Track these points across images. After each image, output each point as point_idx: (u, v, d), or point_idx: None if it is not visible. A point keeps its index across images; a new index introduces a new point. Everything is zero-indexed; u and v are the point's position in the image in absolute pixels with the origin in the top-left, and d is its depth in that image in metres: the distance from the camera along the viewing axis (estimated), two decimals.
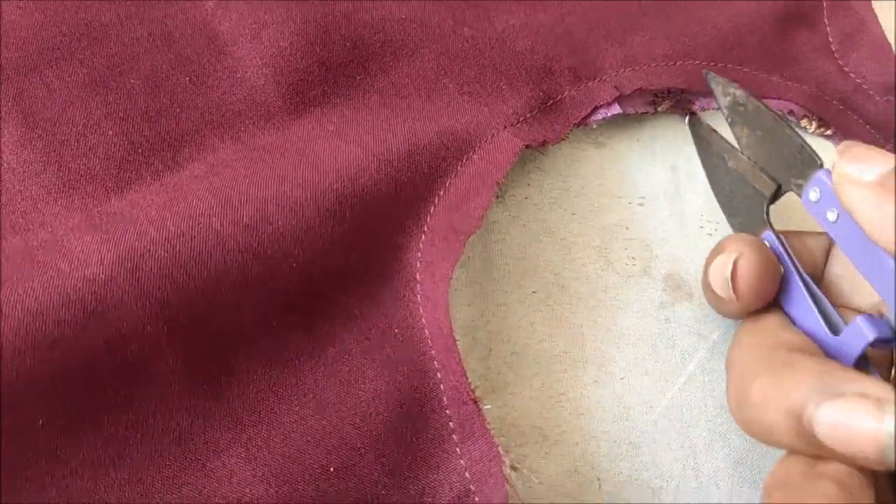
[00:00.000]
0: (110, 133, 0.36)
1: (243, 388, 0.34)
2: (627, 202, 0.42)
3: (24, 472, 0.30)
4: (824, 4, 0.48)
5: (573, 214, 0.41)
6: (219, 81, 0.39)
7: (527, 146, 0.39)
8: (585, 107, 0.41)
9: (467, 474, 0.33)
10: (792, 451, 0.32)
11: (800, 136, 0.37)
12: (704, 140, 0.41)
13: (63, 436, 0.31)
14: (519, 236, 0.40)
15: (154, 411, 0.32)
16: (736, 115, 0.39)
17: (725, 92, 0.40)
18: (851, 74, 0.46)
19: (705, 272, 0.36)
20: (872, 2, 0.48)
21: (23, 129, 0.36)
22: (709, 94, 0.43)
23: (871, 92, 0.45)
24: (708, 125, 0.41)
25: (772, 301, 0.36)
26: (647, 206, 0.42)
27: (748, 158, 0.39)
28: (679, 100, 0.43)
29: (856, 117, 0.45)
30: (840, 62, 0.46)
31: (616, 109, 0.42)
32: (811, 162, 0.36)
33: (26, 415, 0.30)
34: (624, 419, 0.37)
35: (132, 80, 0.38)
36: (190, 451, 0.32)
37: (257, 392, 0.34)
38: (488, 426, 0.33)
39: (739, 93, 0.39)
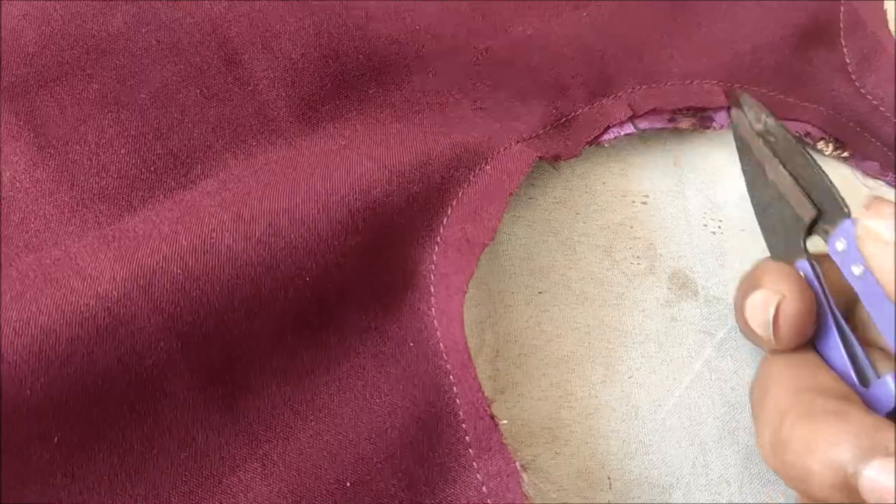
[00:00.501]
0: (122, 151, 0.34)
1: (258, 403, 0.32)
2: (631, 200, 0.39)
3: (41, 489, 0.29)
4: (841, 25, 0.44)
5: (577, 214, 0.39)
6: (230, 94, 0.36)
7: (540, 157, 0.36)
8: (599, 126, 0.39)
9: (484, 489, 0.31)
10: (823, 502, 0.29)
11: (829, 179, 0.33)
12: (746, 145, 0.37)
13: (78, 452, 0.29)
14: (524, 237, 0.38)
15: (169, 427, 0.30)
16: (765, 144, 0.36)
17: (758, 118, 0.36)
18: (868, 96, 0.43)
19: (741, 302, 0.33)
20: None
21: (35, 149, 0.33)
22: (726, 109, 0.40)
23: (888, 114, 0.42)
24: (749, 129, 0.37)
25: None
26: (650, 204, 0.39)
27: (789, 174, 0.35)
28: (701, 117, 0.40)
29: (873, 140, 0.42)
30: (857, 83, 0.43)
31: (629, 129, 0.39)
32: (838, 210, 0.33)
33: (41, 431, 0.28)
34: (633, 418, 0.35)
35: (142, 95, 0.35)
36: (206, 466, 0.31)
37: (272, 407, 0.32)
38: (505, 441, 0.31)
39: (771, 122, 0.36)
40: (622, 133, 0.39)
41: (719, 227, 0.39)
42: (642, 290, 0.38)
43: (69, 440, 0.29)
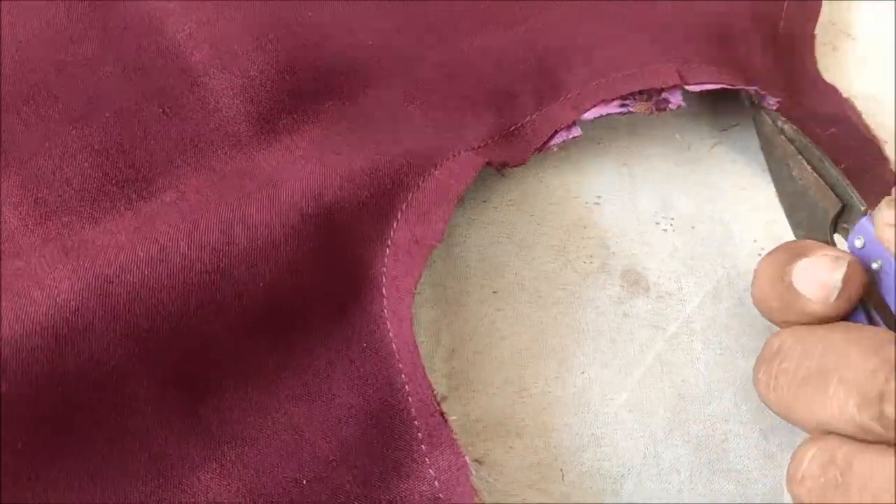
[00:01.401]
0: (86, 165, 0.34)
1: (217, 406, 0.32)
2: (584, 202, 0.39)
3: (6, 490, 0.29)
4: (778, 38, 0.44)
5: (531, 216, 0.38)
6: (191, 112, 0.36)
7: (488, 163, 0.36)
8: (546, 133, 0.38)
9: (436, 483, 0.31)
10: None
11: (845, 178, 0.34)
12: (769, 141, 0.38)
13: (42, 455, 0.29)
14: (479, 238, 0.37)
15: (130, 430, 0.30)
16: (787, 142, 0.37)
17: (776, 125, 0.37)
18: (802, 105, 0.42)
19: (781, 267, 0.33)
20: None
21: (1, 163, 0.34)
22: (681, 90, 0.39)
23: (813, 124, 0.41)
24: (772, 126, 0.38)
25: None
26: (603, 204, 0.39)
27: (813, 170, 0.35)
28: (657, 100, 0.39)
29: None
30: (789, 92, 0.42)
31: (576, 132, 0.38)
32: (856, 208, 0.34)
33: (6, 437, 0.28)
34: (585, 412, 0.35)
35: (107, 114, 0.35)
36: (166, 467, 0.31)
37: (230, 409, 0.32)
38: (455, 437, 0.31)
39: (788, 127, 0.37)
40: (570, 136, 0.38)
41: (671, 225, 0.39)
42: (595, 287, 0.38)
43: (33, 444, 0.29)
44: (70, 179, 0.34)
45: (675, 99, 0.40)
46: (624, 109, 0.39)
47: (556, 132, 0.38)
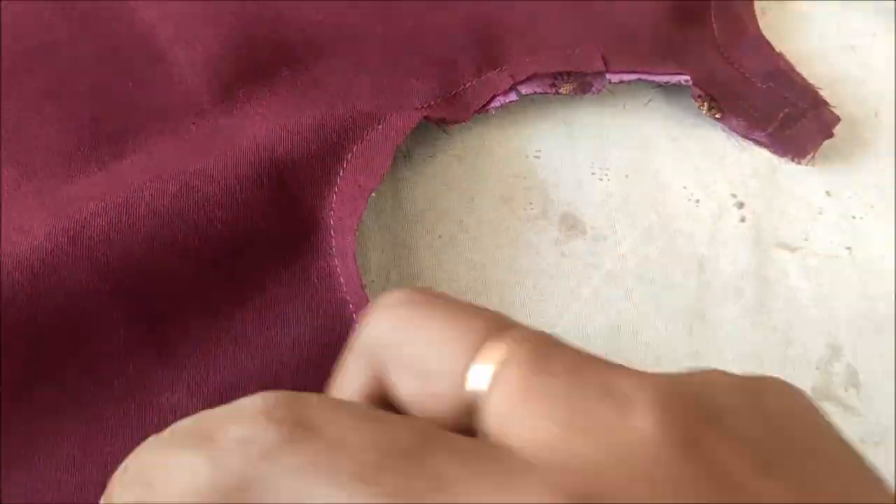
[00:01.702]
0: (62, 132, 0.38)
1: (183, 336, 0.35)
2: (525, 155, 0.43)
3: None
4: (712, 5, 0.47)
5: (475, 168, 0.42)
6: (159, 85, 0.40)
7: (425, 117, 0.40)
8: (485, 96, 0.42)
9: None
10: None
11: None
12: None
13: (25, 383, 0.33)
14: (425, 190, 0.41)
15: (104, 358, 0.34)
16: None
17: None
18: (736, 65, 0.45)
19: None
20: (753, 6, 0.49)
21: None
22: (605, 74, 0.43)
23: (753, 80, 0.45)
24: None
25: None
26: (543, 157, 0.42)
27: None
28: (581, 83, 0.43)
29: (741, 102, 0.44)
30: (724, 55, 0.46)
31: (513, 97, 0.42)
32: None
33: None
34: None
35: (82, 88, 0.39)
36: (138, 390, 0.34)
37: (195, 339, 0.35)
38: None
39: None
40: (507, 101, 0.42)
41: (606, 175, 0.43)
42: (535, 231, 0.41)
43: (16, 374, 0.33)
44: (48, 145, 0.38)
45: (598, 84, 0.43)
46: (552, 90, 0.43)
47: (494, 96, 0.42)
